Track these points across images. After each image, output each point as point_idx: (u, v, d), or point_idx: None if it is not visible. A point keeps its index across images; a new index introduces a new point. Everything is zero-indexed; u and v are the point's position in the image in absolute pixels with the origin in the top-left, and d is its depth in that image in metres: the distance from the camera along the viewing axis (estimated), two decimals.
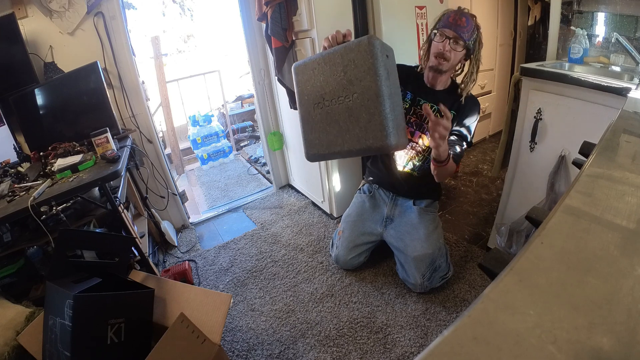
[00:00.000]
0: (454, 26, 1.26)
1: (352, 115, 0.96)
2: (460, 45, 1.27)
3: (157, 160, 2.12)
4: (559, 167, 1.30)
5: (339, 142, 1.00)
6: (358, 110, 0.95)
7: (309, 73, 1.02)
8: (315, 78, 1.01)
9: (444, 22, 1.29)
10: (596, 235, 0.40)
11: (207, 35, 4.70)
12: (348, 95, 0.96)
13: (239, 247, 2.05)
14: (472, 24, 1.27)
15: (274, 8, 1.74)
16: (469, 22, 1.26)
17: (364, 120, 0.94)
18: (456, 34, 1.26)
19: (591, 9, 1.55)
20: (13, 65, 1.58)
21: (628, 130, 0.69)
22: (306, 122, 1.06)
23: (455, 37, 1.26)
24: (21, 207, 1.14)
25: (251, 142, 3.97)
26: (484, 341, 0.28)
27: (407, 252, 1.47)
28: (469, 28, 1.26)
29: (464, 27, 1.25)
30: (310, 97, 1.03)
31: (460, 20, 1.26)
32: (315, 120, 1.03)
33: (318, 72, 1.00)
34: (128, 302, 1.08)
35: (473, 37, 1.28)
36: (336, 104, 0.98)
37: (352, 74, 0.94)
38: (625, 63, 1.40)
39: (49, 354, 1.02)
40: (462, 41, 1.26)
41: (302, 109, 1.06)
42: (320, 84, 1.00)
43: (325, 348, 1.33)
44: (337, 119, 0.99)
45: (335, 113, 0.99)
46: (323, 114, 1.01)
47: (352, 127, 0.97)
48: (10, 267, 1.37)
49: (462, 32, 1.26)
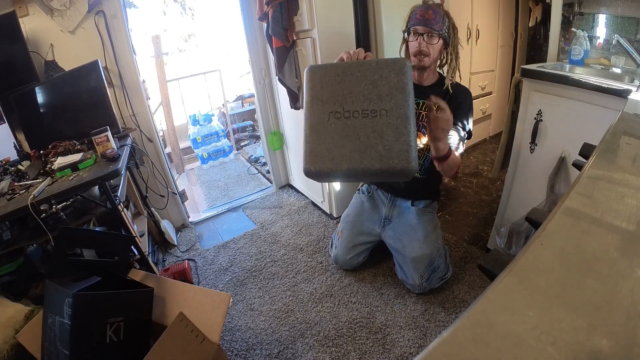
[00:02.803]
0: (423, 21, 1.27)
1: (376, 132, 0.90)
2: (435, 38, 1.28)
3: (157, 159, 2.12)
4: (559, 169, 1.30)
5: (354, 159, 0.91)
6: (385, 127, 0.89)
7: (330, 79, 0.94)
8: (336, 85, 0.94)
9: (413, 20, 1.30)
10: (596, 237, 0.40)
11: (208, 34, 4.70)
12: (375, 110, 0.90)
13: (238, 246, 2.05)
14: (440, 14, 1.27)
15: (274, 8, 1.74)
16: (436, 13, 1.27)
17: (390, 139, 0.88)
18: (427, 28, 1.27)
19: (592, 11, 1.55)
20: (14, 63, 1.58)
21: (628, 132, 0.69)
22: (316, 131, 0.95)
23: (427, 31, 1.27)
24: (21, 205, 1.14)
25: (251, 142, 3.97)
26: (483, 342, 0.28)
27: (405, 253, 1.47)
28: (438, 18, 1.27)
29: (433, 20, 1.26)
30: (327, 104, 0.94)
31: (427, 13, 1.26)
32: (329, 130, 0.93)
33: (341, 80, 0.93)
34: (127, 301, 1.08)
35: (445, 26, 1.29)
36: (359, 117, 0.91)
37: (382, 90, 0.90)
38: (626, 65, 1.40)
39: (48, 353, 1.02)
40: (435, 33, 1.27)
41: (313, 115, 0.96)
42: (342, 93, 0.93)
43: (324, 348, 1.33)
44: (357, 132, 0.91)
45: (356, 126, 0.91)
46: (340, 125, 0.93)
47: (375, 144, 0.90)
48: (10, 266, 1.37)
49: (433, 25, 1.26)
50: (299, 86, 1.99)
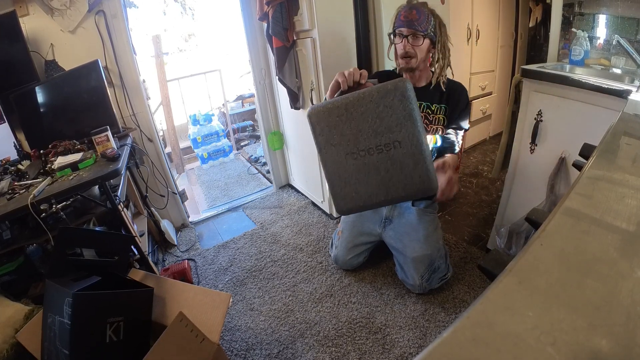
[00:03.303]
0: (407, 22, 1.26)
1: (395, 163, 0.90)
2: (420, 39, 1.27)
3: (157, 159, 2.12)
4: (559, 169, 1.30)
5: (381, 193, 0.93)
6: (402, 157, 0.89)
7: (334, 120, 0.92)
8: (344, 125, 0.91)
9: (398, 21, 1.29)
10: (596, 237, 0.40)
11: (208, 34, 4.70)
12: (389, 144, 0.89)
13: (238, 246, 2.05)
14: (424, 13, 1.26)
15: (275, 8, 1.74)
16: (420, 13, 1.25)
17: (409, 168, 0.89)
18: (411, 30, 1.26)
19: (592, 11, 1.55)
20: (14, 63, 1.58)
21: (628, 133, 0.69)
22: (337, 175, 0.95)
23: (411, 33, 1.26)
24: (21, 205, 1.14)
25: (251, 142, 3.97)
26: (483, 342, 0.28)
27: (405, 253, 1.47)
28: (422, 19, 1.25)
29: (416, 20, 1.25)
30: (341, 146, 0.93)
31: (411, 14, 1.25)
32: (349, 171, 0.93)
33: (347, 118, 0.91)
34: (127, 300, 1.08)
35: (431, 25, 1.27)
36: (374, 153, 0.91)
37: (390, 120, 0.88)
38: (626, 65, 1.40)
39: (48, 352, 1.02)
40: (419, 34, 1.26)
41: (329, 160, 0.95)
42: (351, 132, 0.91)
43: (324, 348, 1.33)
44: (377, 168, 0.91)
45: (374, 162, 0.91)
46: (359, 165, 0.92)
47: (396, 175, 0.90)
48: (10, 265, 1.37)
49: (416, 26, 1.25)
50: (299, 86, 1.99)
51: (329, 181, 0.97)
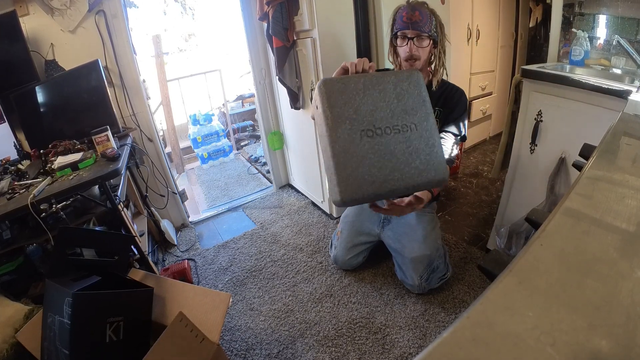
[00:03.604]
0: (411, 24, 1.21)
1: (411, 147, 0.87)
2: (425, 40, 1.24)
3: (157, 158, 2.12)
4: (559, 169, 1.30)
5: (395, 178, 0.86)
6: (418, 141, 0.87)
7: (351, 94, 0.87)
8: (361, 101, 0.87)
9: (400, 23, 1.24)
10: (596, 237, 0.40)
11: (209, 34, 4.70)
12: (405, 125, 0.87)
13: (238, 246, 2.05)
14: (426, 14, 1.22)
15: (275, 8, 1.74)
16: (423, 14, 1.21)
17: (425, 153, 0.87)
18: (417, 31, 1.22)
19: (592, 11, 1.55)
20: (14, 62, 1.58)
21: (628, 133, 0.69)
22: (350, 154, 0.86)
23: (417, 34, 1.22)
24: (21, 204, 1.14)
25: (251, 142, 3.97)
26: (482, 342, 0.28)
27: (404, 254, 1.46)
28: (426, 19, 1.21)
29: (421, 21, 1.20)
30: (356, 122, 0.87)
31: (414, 15, 1.21)
32: (364, 151, 0.86)
33: (364, 95, 0.87)
34: (127, 300, 1.08)
35: (433, 25, 1.24)
36: (391, 133, 0.87)
37: (407, 103, 0.87)
38: (626, 65, 1.40)
39: (48, 352, 1.02)
40: (424, 35, 1.23)
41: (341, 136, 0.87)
42: (369, 109, 0.87)
43: (324, 348, 1.33)
44: (393, 150, 0.87)
45: (390, 143, 0.87)
46: (374, 144, 0.86)
47: (413, 159, 0.87)
48: (10, 265, 1.37)
49: (422, 27, 1.21)
50: (299, 86, 1.99)
51: (338, 163, 0.86)
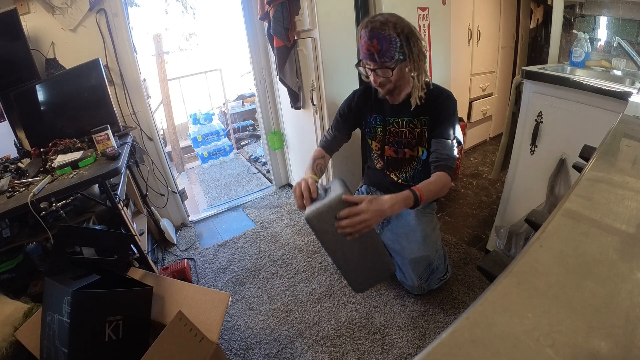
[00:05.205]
0: (370, 55, 1.13)
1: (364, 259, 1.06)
2: (389, 68, 1.14)
3: (158, 158, 2.12)
4: (559, 171, 1.30)
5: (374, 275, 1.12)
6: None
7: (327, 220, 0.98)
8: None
9: (361, 52, 1.16)
10: (595, 239, 0.40)
11: (209, 33, 4.69)
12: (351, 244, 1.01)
13: (238, 246, 2.05)
14: (386, 38, 1.09)
15: (276, 7, 1.74)
16: (382, 41, 1.09)
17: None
18: (377, 63, 1.14)
19: (593, 13, 1.55)
20: (15, 61, 1.58)
21: (628, 135, 0.69)
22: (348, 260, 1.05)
23: (378, 66, 1.15)
24: (21, 203, 1.14)
25: (252, 141, 3.97)
26: (481, 344, 0.28)
27: (404, 255, 1.46)
28: (386, 46, 1.10)
29: (381, 51, 1.11)
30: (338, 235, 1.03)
31: (372, 45, 1.10)
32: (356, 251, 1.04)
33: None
34: (126, 299, 1.08)
35: (397, 47, 1.11)
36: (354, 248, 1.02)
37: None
38: (626, 67, 1.40)
39: (47, 351, 1.02)
40: (386, 63, 1.13)
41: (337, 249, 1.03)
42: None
43: (323, 348, 1.33)
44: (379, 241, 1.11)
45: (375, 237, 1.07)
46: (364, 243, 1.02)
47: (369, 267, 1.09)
48: (9, 263, 1.37)
49: (383, 57, 1.12)
50: (300, 86, 1.99)
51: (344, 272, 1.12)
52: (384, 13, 1.15)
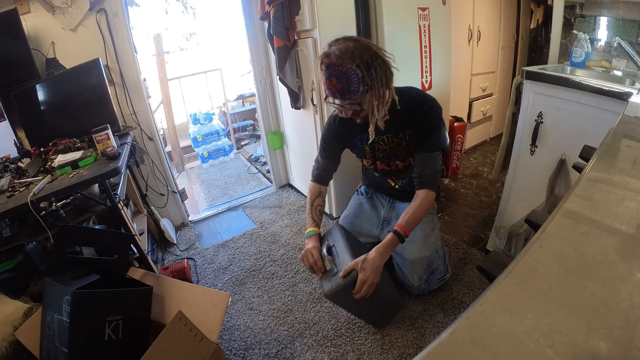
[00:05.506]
0: (332, 93, 1.09)
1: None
2: (355, 102, 1.10)
3: (158, 157, 2.12)
4: (559, 171, 1.30)
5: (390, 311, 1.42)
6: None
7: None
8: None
9: (324, 88, 1.12)
10: (595, 239, 0.40)
11: (210, 33, 4.69)
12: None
13: (238, 245, 2.05)
14: (345, 75, 1.03)
15: (276, 7, 1.74)
16: (341, 78, 1.03)
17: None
18: (341, 100, 1.10)
19: (594, 13, 1.55)
20: (15, 60, 1.58)
21: (629, 135, 0.69)
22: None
23: (343, 103, 1.11)
24: (21, 202, 1.14)
25: (252, 141, 3.97)
26: (481, 344, 0.28)
27: (403, 255, 1.46)
28: (347, 83, 1.04)
29: (341, 90, 1.06)
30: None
31: (331, 84, 1.06)
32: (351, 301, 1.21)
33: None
34: (126, 299, 1.08)
35: (358, 80, 1.04)
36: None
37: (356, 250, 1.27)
38: (627, 67, 1.40)
39: (47, 350, 1.02)
40: (352, 99, 1.08)
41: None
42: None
43: (323, 348, 1.33)
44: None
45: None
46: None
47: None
48: (9, 263, 1.37)
49: (345, 95, 1.07)
50: (300, 86, 1.99)
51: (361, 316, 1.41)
52: (340, 40, 1.08)
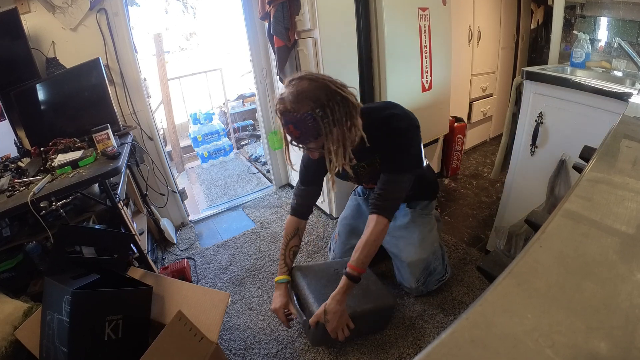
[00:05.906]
0: (294, 139, 1.07)
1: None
2: (318, 145, 1.07)
3: (158, 157, 2.12)
4: (559, 171, 1.30)
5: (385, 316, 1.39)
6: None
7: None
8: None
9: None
10: (595, 239, 0.40)
11: (210, 33, 4.69)
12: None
13: (237, 245, 2.05)
14: (302, 122, 1.00)
15: (276, 7, 1.74)
16: (298, 125, 1.01)
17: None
18: (303, 146, 1.09)
19: (594, 14, 1.56)
20: (15, 60, 1.58)
21: (629, 136, 0.69)
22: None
23: (305, 148, 1.10)
24: (21, 202, 1.14)
25: (252, 141, 3.97)
26: (481, 344, 0.28)
27: (401, 257, 1.46)
28: (304, 129, 1.01)
29: (300, 136, 1.04)
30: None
31: (290, 131, 1.04)
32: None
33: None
34: (126, 299, 1.08)
35: (317, 123, 1.00)
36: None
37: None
38: (627, 68, 1.40)
39: (47, 350, 1.02)
40: (313, 142, 1.06)
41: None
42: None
43: (323, 348, 1.33)
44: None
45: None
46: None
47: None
48: (9, 262, 1.37)
49: (305, 140, 1.05)
50: None
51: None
52: (295, 80, 1.03)
